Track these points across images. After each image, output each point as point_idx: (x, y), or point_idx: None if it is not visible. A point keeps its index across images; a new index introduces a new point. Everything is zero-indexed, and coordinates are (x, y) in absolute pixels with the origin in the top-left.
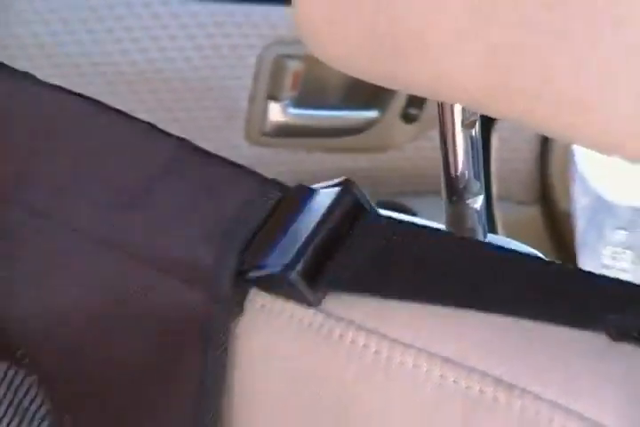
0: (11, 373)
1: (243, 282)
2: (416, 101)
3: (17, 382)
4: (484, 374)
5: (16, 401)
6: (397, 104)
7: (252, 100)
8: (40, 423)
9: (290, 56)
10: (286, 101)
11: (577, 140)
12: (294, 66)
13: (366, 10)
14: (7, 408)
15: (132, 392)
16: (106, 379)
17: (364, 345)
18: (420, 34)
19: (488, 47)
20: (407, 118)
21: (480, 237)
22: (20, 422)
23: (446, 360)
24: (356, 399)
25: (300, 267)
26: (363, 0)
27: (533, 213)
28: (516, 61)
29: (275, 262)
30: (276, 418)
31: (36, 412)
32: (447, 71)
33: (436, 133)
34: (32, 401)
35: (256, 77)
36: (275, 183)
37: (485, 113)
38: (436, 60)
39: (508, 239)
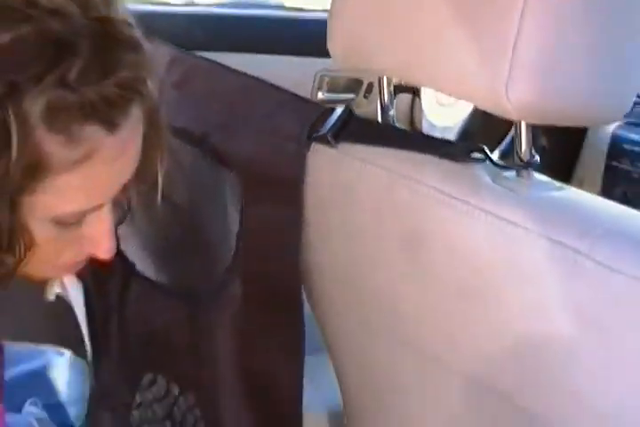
0: None
1: (310, 139)
2: (369, 88)
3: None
4: (401, 174)
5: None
6: (362, 89)
7: (312, 90)
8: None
9: (327, 75)
10: (323, 90)
11: (439, 90)
12: (327, 78)
13: (354, 45)
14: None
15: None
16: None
17: (361, 167)
18: (376, 50)
19: (399, 60)
20: (365, 97)
21: None
22: None
23: (397, 172)
24: (355, 194)
25: (330, 133)
26: (355, 40)
27: None
28: (413, 68)
29: (322, 130)
30: (327, 201)
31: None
32: (387, 64)
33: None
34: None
35: (314, 82)
36: (323, 107)
37: (404, 81)
38: (382, 58)
39: None
